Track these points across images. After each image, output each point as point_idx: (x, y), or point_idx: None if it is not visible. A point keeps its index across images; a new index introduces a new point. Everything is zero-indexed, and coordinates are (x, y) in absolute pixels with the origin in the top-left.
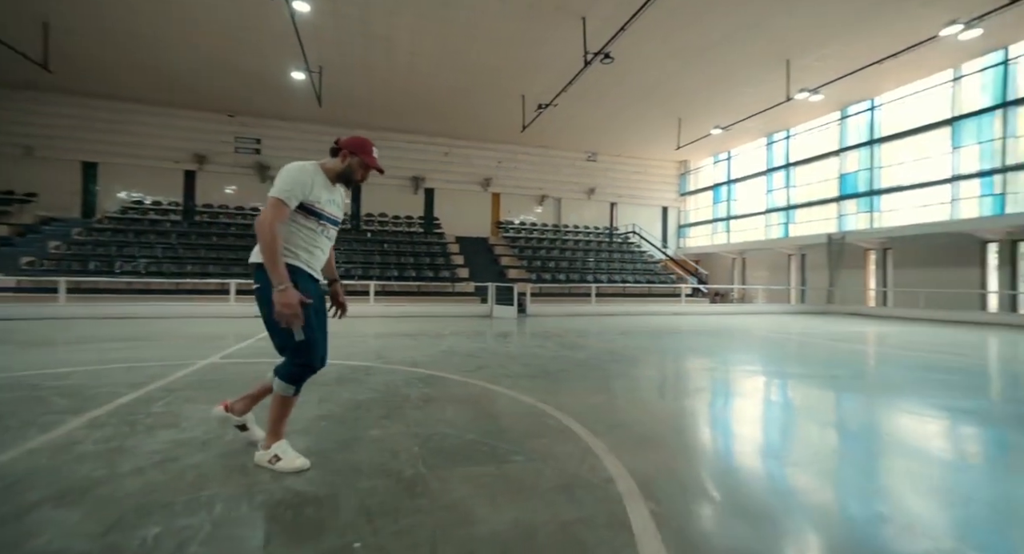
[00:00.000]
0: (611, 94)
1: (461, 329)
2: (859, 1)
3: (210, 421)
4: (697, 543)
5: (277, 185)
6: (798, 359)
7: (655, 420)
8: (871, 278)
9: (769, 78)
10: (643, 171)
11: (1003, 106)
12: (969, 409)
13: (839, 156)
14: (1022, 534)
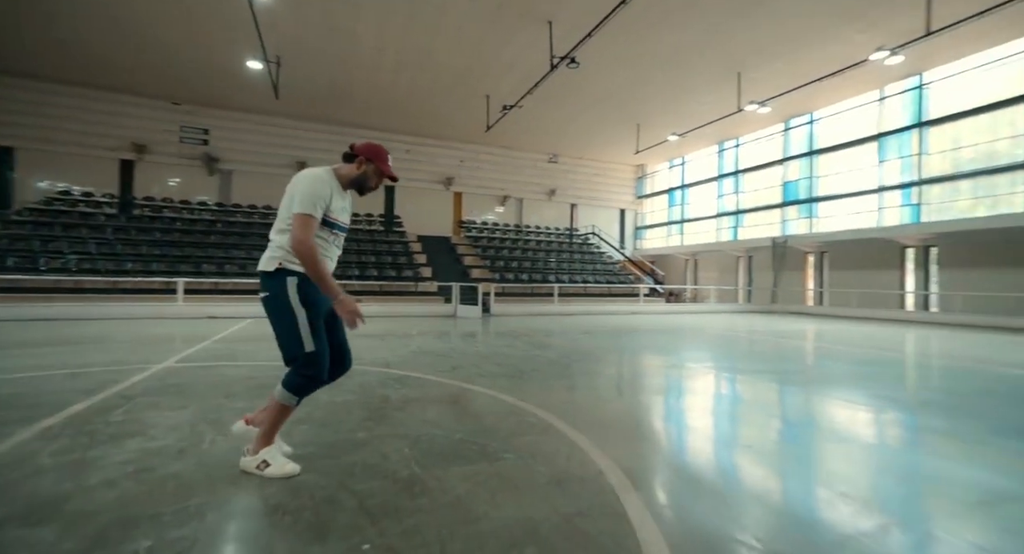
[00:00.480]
0: (573, 97)
1: (427, 329)
2: (802, 23)
3: (183, 428)
4: (692, 528)
5: (301, 200)
6: (751, 356)
7: (631, 415)
8: (810, 279)
9: (722, 89)
10: (602, 174)
11: (919, 126)
12: (894, 397)
13: (783, 165)
14: (930, 498)
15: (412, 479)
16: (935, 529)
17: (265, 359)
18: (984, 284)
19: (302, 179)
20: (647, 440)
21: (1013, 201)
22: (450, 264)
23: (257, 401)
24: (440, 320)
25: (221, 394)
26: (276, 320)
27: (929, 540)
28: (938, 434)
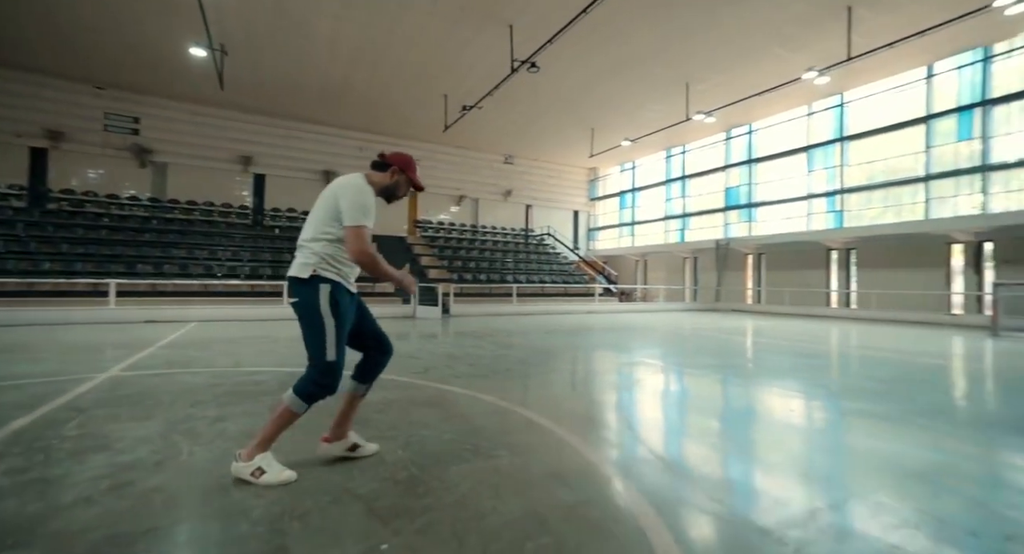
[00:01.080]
0: (531, 100)
1: (389, 330)
2: (743, 42)
3: (153, 440)
4: (690, 513)
5: (352, 212)
6: (703, 352)
7: (607, 409)
8: (749, 279)
9: (671, 98)
10: (557, 176)
11: (840, 140)
12: (828, 385)
13: (725, 172)
14: (871, 470)
15: (413, 480)
16: (880, 497)
17: (226, 365)
18: (893, 283)
19: (346, 189)
20: (629, 432)
21: (914, 210)
22: (406, 264)
23: (229, 408)
24: (400, 321)
25: (187, 403)
26: (306, 325)
27: (878, 507)
28: (871, 416)
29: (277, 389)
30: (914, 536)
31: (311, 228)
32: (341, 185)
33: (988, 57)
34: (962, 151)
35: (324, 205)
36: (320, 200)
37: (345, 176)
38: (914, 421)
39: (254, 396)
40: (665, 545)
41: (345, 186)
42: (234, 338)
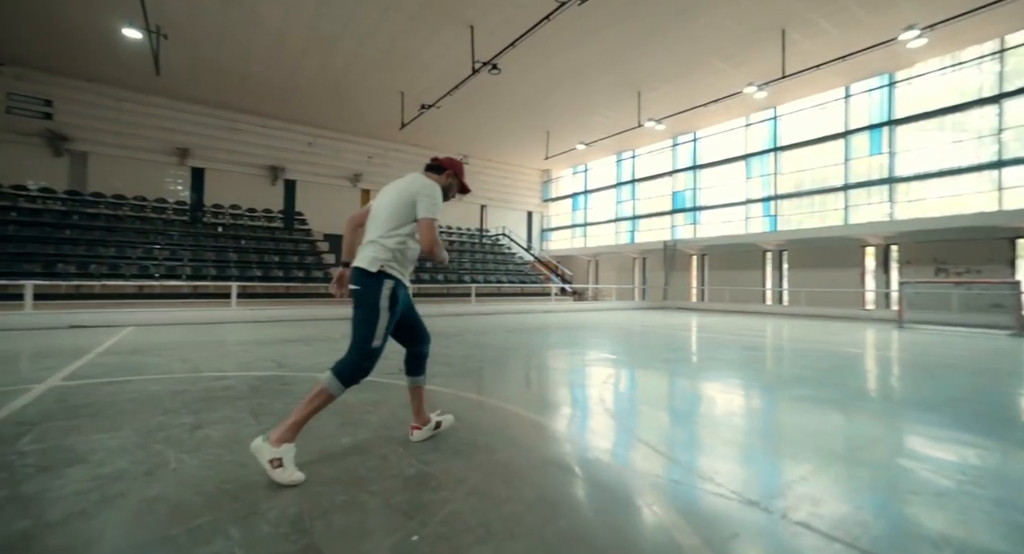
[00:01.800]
0: (488, 101)
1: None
2: (689, 56)
3: (132, 451)
4: (688, 491)
5: (428, 207)
6: (659, 346)
7: (585, 402)
8: (694, 278)
9: (624, 105)
10: (511, 177)
11: (774, 150)
12: (774, 373)
13: (672, 177)
14: (823, 448)
15: (423, 475)
16: (837, 471)
17: (184, 371)
18: (819, 281)
19: (423, 187)
20: (612, 423)
21: (836, 216)
22: None
23: (206, 415)
24: None
25: (155, 412)
26: (361, 312)
27: (838, 477)
28: (814, 400)
29: (251, 394)
30: (866, 496)
31: (383, 225)
32: (416, 184)
33: (892, 83)
34: (873, 164)
35: (396, 202)
36: (388, 198)
37: (412, 176)
38: (852, 404)
39: (228, 401)
40: (672, 520)
41: (421, 185)
42: (183, 343)
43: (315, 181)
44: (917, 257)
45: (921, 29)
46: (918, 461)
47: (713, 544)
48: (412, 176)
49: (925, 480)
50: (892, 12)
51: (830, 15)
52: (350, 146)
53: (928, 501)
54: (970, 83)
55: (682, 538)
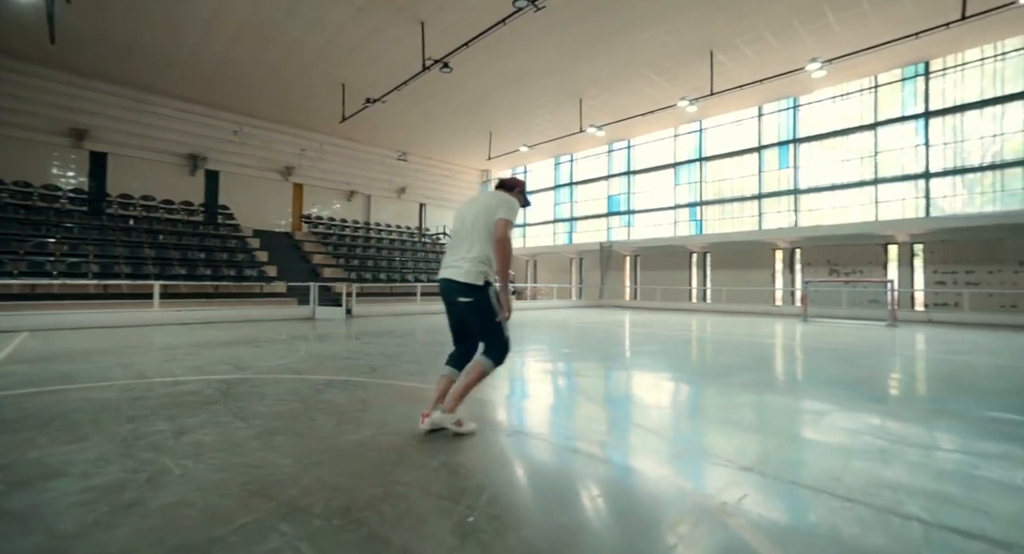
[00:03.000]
0: (434, 99)
1: (297, 333)
2: (628, 67)
3: (116, 460)
4: (667, 460)
5: (507, 211)
6: (602, 341)
7: (555, 394)
8: (627, 278)
9: (566, 110)
10: (450, 176)
11: (700, 160)
12: (712, 362)
13: (607, 181)
14: (769, 426)
15: (449, 465)
16: (799, 439)
17: (127, 377)
18: (737, 281)
19: (502, 199)
20: (580, 413)
21: (752, 222)
22: (295, 262)
23: (184, 421)
24: (300, 323)
25: (119, 419)
26: (482, 319)
27: (802, 445)
28: (752, 385)
29: (223, 398)
30: (829, 457)
31: (478, 241)
32: (498, 197)
33: (796, 106)
34: (782, 177)
35: (481, 216)
36: (473, 213)
37: (491, 192)
38: (780, 383)
39: (201, 406)
40: (652, 482)
41: (502, 198)
42: (107, 349)
43: (242, 173)
44: (816, 259)
45: (822, 62)
46: (852, 426)
47: (728, 502)
48: (493, 193)
49: (865, 442)
50: (798, 43)
51: (750, 42)
52: (282, 137)
53: (875, 456)
54: (853, 111)
55: (694, 499)
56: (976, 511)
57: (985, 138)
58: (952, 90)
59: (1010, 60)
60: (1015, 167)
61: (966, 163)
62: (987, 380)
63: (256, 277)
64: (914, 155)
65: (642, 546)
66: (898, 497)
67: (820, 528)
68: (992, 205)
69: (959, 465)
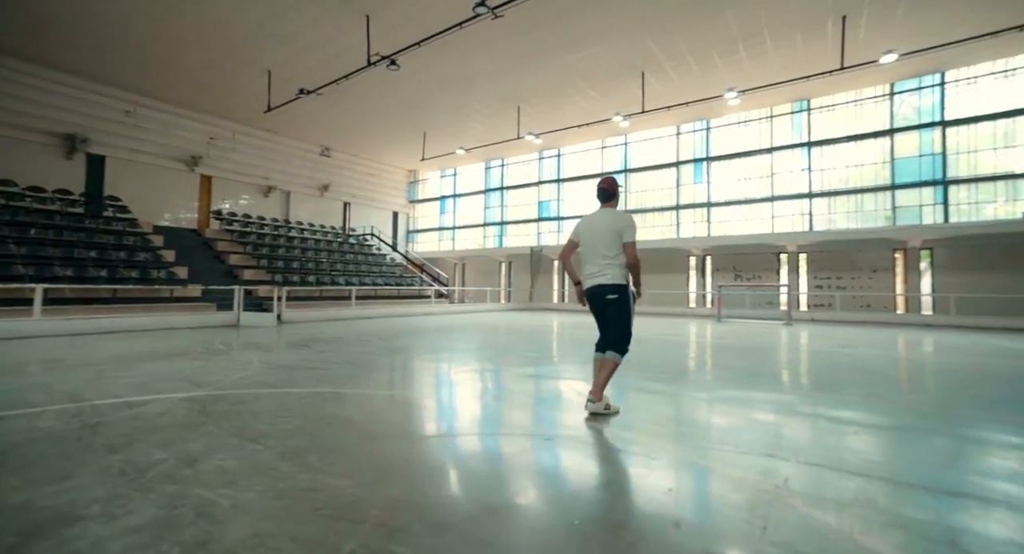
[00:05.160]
0: (370, 95)
1: (233, 343)
2: (566, 80)
3: (135, 496)
4: (555, 444)
5: (632, 234)
6: (529, 341)
7: (508, 392)
8: (556, 281)
9: (503, 116)
10: (377, 174)
11: (624, 171)
12: (649, 360)
13: (538, 187)
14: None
15: (485, 453)
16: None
17: (65, 401)
18: (658, 284)
19: (626, 222)
20: (552, 404)
21: (671, 230)
22: (208, 263)
23: (184, 446)
24: (226, 332)
25: (92, 451)
26: (620, 313)
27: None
28: (679, 379)
29: (208, 419)
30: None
31: (609, 253)
32: (621, 220)
33: (709, 127)
34: (697, 190)
35: (611, 235)
36: (601, 232)
37: (611, 213)
38: (741, 378)
39: (189, 429)
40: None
41: (626, 221)
42: (6, 365)
43: (136, 160)
44: (724, 265)
45: (737, 92)
46: (780, 406)
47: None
48: (610, 213)
49: (794, 420)
50: (715, 72)
51: (675, 67)
52: (187, 123)
53: (791, 431)
54: (754, 136)
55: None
56: (832, 451)
57: (849, 166)
58: (827, 125)
59: (866, 104)
60: (868, 192)
61: (835, 187)
62: (874, 366)
63: (165, 279)
64: (801, 177)
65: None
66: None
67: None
68: (852, 223)
69: (840, 426)
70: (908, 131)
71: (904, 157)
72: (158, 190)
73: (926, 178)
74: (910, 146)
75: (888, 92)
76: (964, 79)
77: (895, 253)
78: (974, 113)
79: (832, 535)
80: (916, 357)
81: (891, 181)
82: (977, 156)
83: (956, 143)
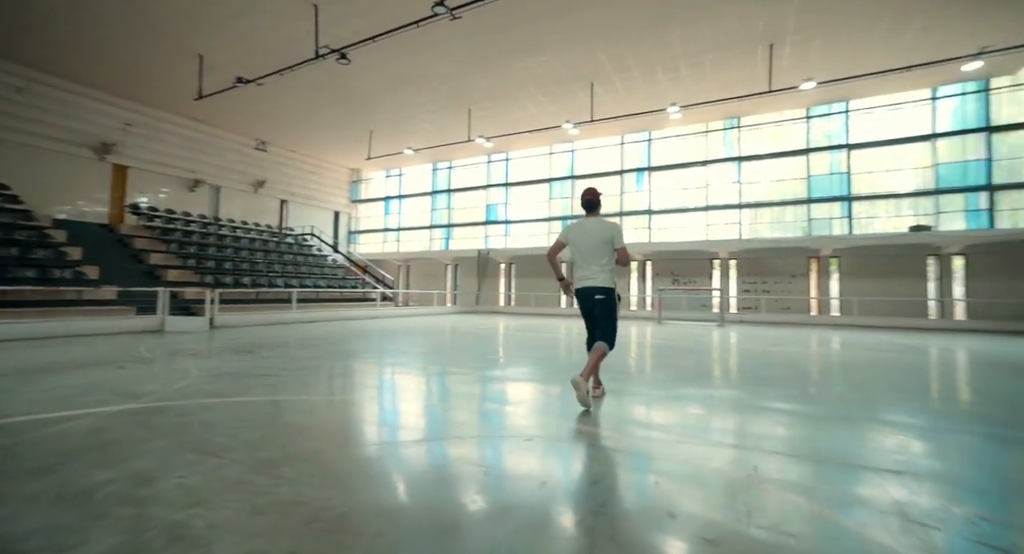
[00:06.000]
0: (313, 89)
1: (162, 350)
2: (516, 85)
3: (85, 523)
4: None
5: (621, 239)
6: (482, 344)
7: (474, 395)
8: (502, 285)
9: (453, 117)
10: (317, 172)
11: (571, 178)
12: (553, 361)
13: (486, 190)
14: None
15: (489, 470)
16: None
17: (29, 412)
18: None
19: (615, 230)
20: (472, 406)
21: None
22: (124, 262)
23: (130, 465)
24: (150, 338)
25: (20, 473)
26: (609, 311)
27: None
28: (637, 379)
29: (153, 434)
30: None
31: (600, 257)
32: (610, 229)
33: (650, 138)
34: (638, 198)
35: (601, 242)
36: (592, 240)
37: (600, 222)
38: (694, 377)
39: (131, 445)
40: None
41: (614, 229)
42: None
43: (30, 143)
44: (663, 270)
45: (680, 106)
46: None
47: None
48: (599, 222)
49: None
50: (658, 87)
51: (624, 80)
52: (99, 105)
53: (731, 416)
54: (692, 148)
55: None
56: (785, 440)
57: (773, 181)
58: (754, 142)
59: (786, 125)
60: (788, 205)
61: (760, 199)
62: (803, 363)
63: (70, 281)
64: (732, 189)
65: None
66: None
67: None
68: (775, 232)
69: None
70: (821, 151)
71: (818, 174)
72: (59, 179)
73: (835, 194)
74: (823, 165)
75: (805, 115)
76: (864, 108)
77: (810, 260)
78: (872, 139)
79: (807, 515)
80: (835, 354)
81: (807, 195)
82: (873, 176)
83: (859, 164)
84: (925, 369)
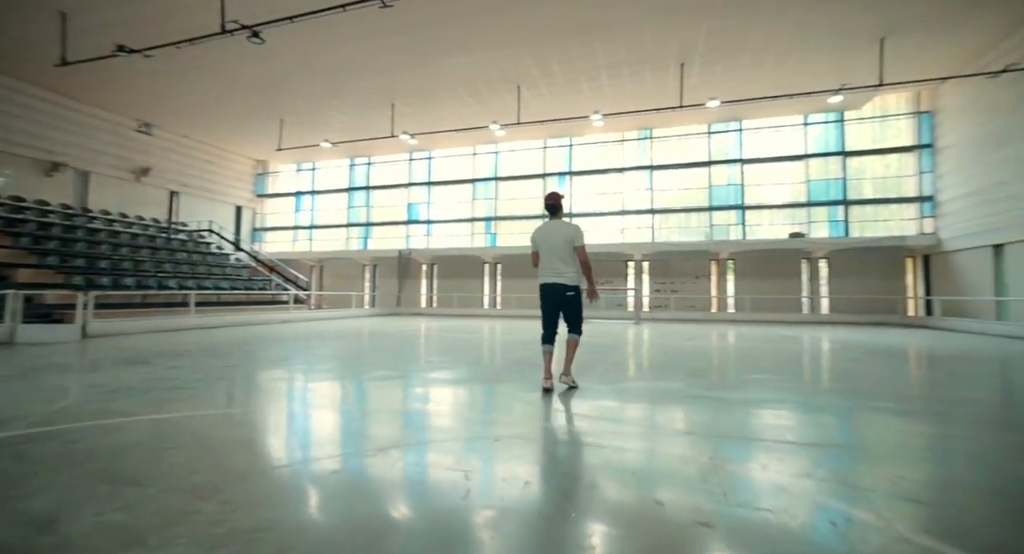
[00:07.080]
0: (216, 67)
1: (21, 366)
2: (446, 86)
3: None
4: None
5: (582, 239)
6: (404, 344)
7: (420, 397)
8: (424, 286)
9: (373, 112)
10: (217, 162)
11: (495, 179)
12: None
13: (407, 188)
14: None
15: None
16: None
17: None
18: (522, 289)
19: (575, 231)
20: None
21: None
22: None
23: (43, 499)
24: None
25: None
26: (576, 308)
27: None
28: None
29: (66, 463)
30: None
31: (566, 257)
32: (572, 230)
33: (572, 144)
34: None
35: (566, 243)
36: (558, 242)
37: (563, 225)
38: (629, 372)
39: (31, 477)
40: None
41: (575, 230)
42: None
43: None
44: None
45: (602, 114)
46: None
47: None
48: (563, 225)
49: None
50: (581, 95)
51: (549, 84)
52: None
53: (693, 406)
54: (609, 156)
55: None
56: (728, 424)
57: (680, 189)
58: (665, 152)
59: (691, 138)
60: (693, 211)
61: (669, 205)
62: (716, 355)
63: None
64: (644, 196)
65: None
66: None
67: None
68: (682, 237)
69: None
70: (720, 164)
71: (717, 185)
72: None
73: (731, 203)
74: (722, 176)
75: (707, 131)
76: (754, 128)
77: (711, 262)
78: (760, 155)
79: (772, 490)
80: (741, 346)
81: (709, 203)
82: (761, 188)
83: (751, 177)
84: (817, 356)
